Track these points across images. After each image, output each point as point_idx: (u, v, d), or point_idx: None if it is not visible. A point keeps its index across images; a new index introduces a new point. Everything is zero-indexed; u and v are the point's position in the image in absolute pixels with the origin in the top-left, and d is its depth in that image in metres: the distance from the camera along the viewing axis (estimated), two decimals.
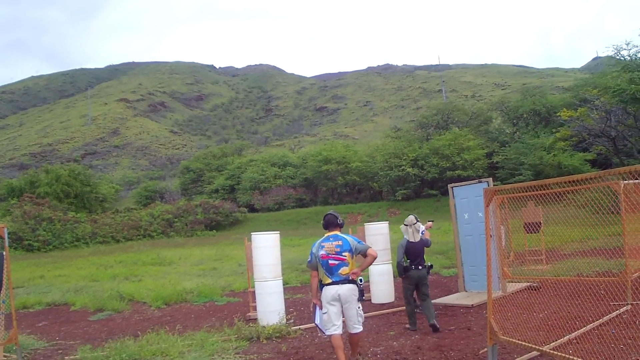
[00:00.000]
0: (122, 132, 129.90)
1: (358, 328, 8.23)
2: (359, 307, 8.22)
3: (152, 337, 10.63)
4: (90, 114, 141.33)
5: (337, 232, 8.54)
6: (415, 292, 11.24)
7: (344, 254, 8.17)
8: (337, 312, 8.14)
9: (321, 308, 8.29)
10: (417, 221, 11.29)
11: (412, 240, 10.98)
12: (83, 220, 53.57)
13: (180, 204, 61.29)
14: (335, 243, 8.28)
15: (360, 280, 8.29)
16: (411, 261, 10.92)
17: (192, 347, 10.16)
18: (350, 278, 8.14)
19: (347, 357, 8.41)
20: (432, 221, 14.50)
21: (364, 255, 8.24)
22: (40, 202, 54.79)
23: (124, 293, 17.53)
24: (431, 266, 11.34)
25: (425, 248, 11.22)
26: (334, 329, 8.10)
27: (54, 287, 21.04)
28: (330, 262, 8.18)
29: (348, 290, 8.09)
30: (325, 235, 8.60)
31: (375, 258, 8.25)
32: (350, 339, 8.40)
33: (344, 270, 8.14)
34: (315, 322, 8.47)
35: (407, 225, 11.19)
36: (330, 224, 8.65)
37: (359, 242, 8.40)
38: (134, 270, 26.17)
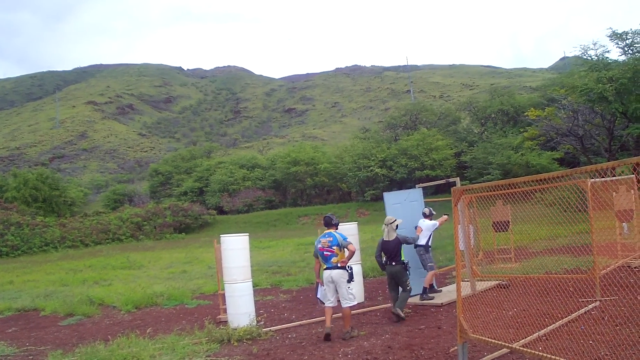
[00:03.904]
0: (90, 135, 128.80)
1: (347, 303, 10.61)
2: (348, 287, 10.66)
3: (122, 341, 10.51)
4: (58, 117, 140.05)
5: (332, 231, 10.98)
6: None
7: (333, 247, 10.67)
8: (332, 290, 10.70)
9: (322, 286, 10.89)
10: (394, 221, 12.07)
11: (386, 238, 11.94)
12: (52, 224, 53.09)
13: (149, 207, 61.04)
14: (328, 239, 10.78)
15: (349, 268, 10.72)
16: (386, 257, 11.97)
17: (163, 350, 10.08)
18: (340, 265, 10.59)
19: (340, 328, 10.80)
20: (448, 215, 14.33)
21: (346, 248, 10.64)
22: (8, 207, 54.34)
23: (94, 297, 17.33)
24: (406, 262, 12.02)
25: (404, 245, 12.12)
26: (329, 303, 10.69)
27: (24, 293, 20.80)
28: (325, 253, 10.76)
29: (337, 274, 10.57)
30: (324, 232, 11.09)
31: (352, 252, 10.66)
32: (343, 312, 10.71)
33: (334, 259, 10.63)
34: (317, 296, 11.16)
35: (385, 224, 12.14)
36: (327, 223, 11.17)
37: (344, 239, 10.82)
38: (104, 274, 25.95)
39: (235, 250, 12.27)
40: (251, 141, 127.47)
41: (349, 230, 14.43)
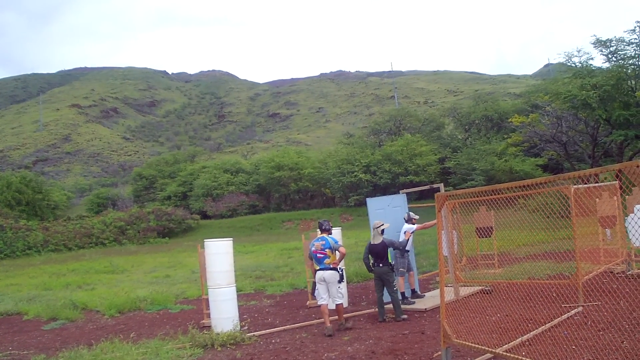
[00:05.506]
0: (73, 139, 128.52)
1: (338, 301, 11.55)
2: (339, 287, 11.59)
3: (106, 345, 10.48)
4: (42, 119, 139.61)
5: (324, 235, 11.86)
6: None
7: (325, 250, 11.54)
8: (324, 289, 11.54)
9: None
10: (381, 225, 12.49)
11: (373, 242, 12.35)
12: (35, 228, 52.77)
13: (132, 211, 60.79)
14: (321, 242, 11.67)
15: (340, 269, 11.70)
16: (374, 259, 12.37)
17: (147, 355, 10.03)
18: (331, 266, 11.48)
19: (334, 323, 11.45)
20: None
21: (338, 251, 11.57)
22: None
23: (77, 302, 17.23)
24: (392, 264, 12.53)
25: (390, 248, 12.57)
26: (322, 300, 11.56)
27: (6, 297, 20.61)
28: (318, 255, 11.63)
29: (329, 275, 11.44)
30: (317, 237, 12.02)
31: (343, 254, 11.60)
32: (336, 308, 11.58)
33: (327, 261, 11.51)
34: (314, 294, 12.05)
35: (372, 228, 12.71)
36: (320, 228, 12.08)
37: (335, 242, 11.71)
38: (87, 278, 25.81)
39: (219, 254, 12.22)
40: (235, 146, 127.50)
41: (332, 235, 14.50)
